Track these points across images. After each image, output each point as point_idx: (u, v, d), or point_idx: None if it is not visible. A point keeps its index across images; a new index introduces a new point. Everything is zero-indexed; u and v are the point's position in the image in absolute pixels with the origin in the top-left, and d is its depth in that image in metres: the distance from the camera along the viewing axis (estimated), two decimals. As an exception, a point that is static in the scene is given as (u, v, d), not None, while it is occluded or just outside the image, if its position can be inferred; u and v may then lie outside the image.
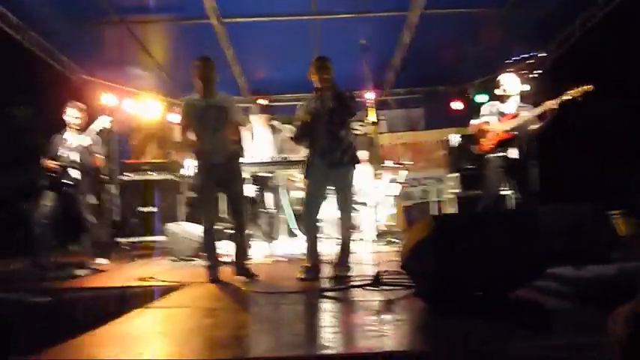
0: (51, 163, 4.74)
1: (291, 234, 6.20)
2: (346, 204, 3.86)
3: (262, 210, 5.64)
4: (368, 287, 3.00)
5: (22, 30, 6.08)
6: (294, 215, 6.30)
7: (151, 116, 8.35)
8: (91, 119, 5.07)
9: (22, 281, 3.95)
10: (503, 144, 4.52)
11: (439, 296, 2.36)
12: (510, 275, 2.40)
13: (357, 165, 3.92)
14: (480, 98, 7.84)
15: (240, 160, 4.02)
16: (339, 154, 3.75)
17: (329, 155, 3.74)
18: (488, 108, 4.76)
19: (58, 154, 4.80)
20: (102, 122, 4.95)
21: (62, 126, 4.95)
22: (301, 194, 6.94)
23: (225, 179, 3.82)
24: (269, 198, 5.75)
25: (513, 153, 4.47)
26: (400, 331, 2.06)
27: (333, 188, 3.92)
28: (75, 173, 4.84)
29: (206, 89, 3.76)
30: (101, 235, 5.50)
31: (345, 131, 3.86)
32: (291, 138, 4.17)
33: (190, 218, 6.41)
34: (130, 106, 8.02)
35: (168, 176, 6.88)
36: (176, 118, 8.66)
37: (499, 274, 2.36)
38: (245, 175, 4.56)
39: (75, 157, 4.83)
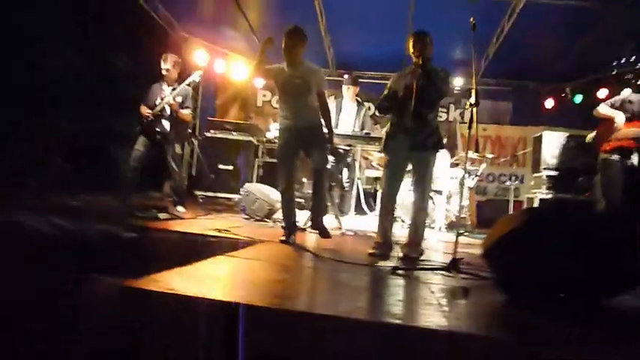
0: (146, 111, 5.04)
1: (361, 211, 6.21)
2: (422, 189, 3.67)
3: (335, 183, 5.67)
4: (442, 271, 2.96)
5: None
6: (364, 193, 6.30)
7: (238, 78, 8.59)
8: (185, 74, 5.30)
9: (111, 217, 4.21)
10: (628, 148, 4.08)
11: (520, 291, 2.28)
12: (602, 282, 2.27)
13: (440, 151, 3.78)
14: (580, 99, 7.39)
15: (322, 128, 3.99)
16: (424, 136, 3.60)
17: (412, 136, 3.59)
18: (627, 104, 4.20)
19: (156, 103, 5.08)
20: (194, 76, 5.17)
21: (160, 77, 5.21)
22: (374, 173, 6.93)
23: (308, 143, 3.88)
24: (344, 172, 5.78)
25: (635, 159, 4.06)
26: (469, 315, 2.03)
27: (412, 170, 3.77)
28: (166, 123, 5.12)
29: (289, 59, 3.83)
30: (182, 185, 5.77)
31: (433, 114, 3.73)
32: (376, 108, 4.08)
33: (263, 181, 6.57)
34: (220, 65, 8.29)
35: (249, 138, 7.06)
36: (261, 82, 8.87)
37: (590, 278, 2.23)
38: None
39: (167, 108, 5.09)
